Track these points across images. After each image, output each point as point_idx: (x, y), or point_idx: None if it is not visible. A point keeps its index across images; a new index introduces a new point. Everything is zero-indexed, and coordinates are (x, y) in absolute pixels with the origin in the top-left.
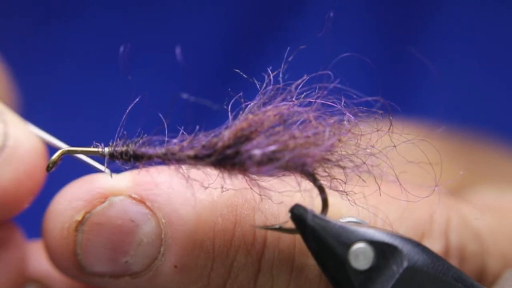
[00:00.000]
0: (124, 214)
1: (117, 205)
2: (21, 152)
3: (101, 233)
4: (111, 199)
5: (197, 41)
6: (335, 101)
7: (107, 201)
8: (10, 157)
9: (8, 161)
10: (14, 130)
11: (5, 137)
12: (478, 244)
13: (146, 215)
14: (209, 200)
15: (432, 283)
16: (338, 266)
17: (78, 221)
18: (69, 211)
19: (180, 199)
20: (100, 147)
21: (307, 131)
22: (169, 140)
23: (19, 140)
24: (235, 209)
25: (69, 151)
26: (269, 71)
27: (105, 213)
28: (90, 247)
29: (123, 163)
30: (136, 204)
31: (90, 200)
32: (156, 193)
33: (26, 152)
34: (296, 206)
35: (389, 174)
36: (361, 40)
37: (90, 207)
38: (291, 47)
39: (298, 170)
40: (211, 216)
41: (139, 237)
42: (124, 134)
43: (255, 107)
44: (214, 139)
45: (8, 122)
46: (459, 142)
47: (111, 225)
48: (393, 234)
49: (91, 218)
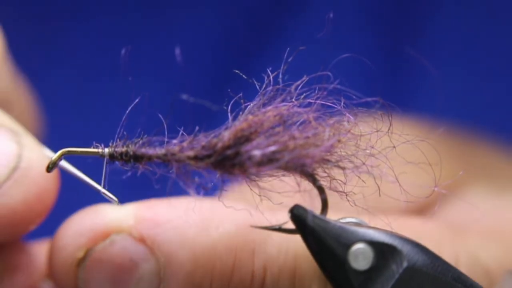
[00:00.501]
0: (124, 253)
1: (118, 243)
2: (33, 175)
3: (102, 269)
4: (113, 237)
5: (197, 42)
6: (335, 102)
7: (108, 238)
8: (21, 179)
9: (19, 182)
10: (29, 152)
11: (19, 159)
12: (488, 279)
13: (146, 254)
14: (209, 241)
15: (431, 283)
16: (337, 267)
17: (80, 258)
18: (71, 247)
19: (179, 240)
20: (100, 148)
21: (306, 131)
22: (169, 141)
23: (32, 163)
24: (234, 252)
25: (69, 152)
26: (269, 72)
27: (106, 250)
28: (91, 282)
29: (123, 163)
30: (137, 242)
31: (92, 237)
32: (157, 232)
33: (38, 175)
34: (296, 206)
35: (389, 174)
36: (361, 40)
37: (92, 244)
38: (290, 48)
39: (297, 171)
40: (210, 259)
41: (139, 275)
42: (124, 135)
43: (255, 108)
44: (214, 139)
45: (23, 144)
46: (456, 142)
47: (112, 263)
48: (393, 234)
49: (93, 255)
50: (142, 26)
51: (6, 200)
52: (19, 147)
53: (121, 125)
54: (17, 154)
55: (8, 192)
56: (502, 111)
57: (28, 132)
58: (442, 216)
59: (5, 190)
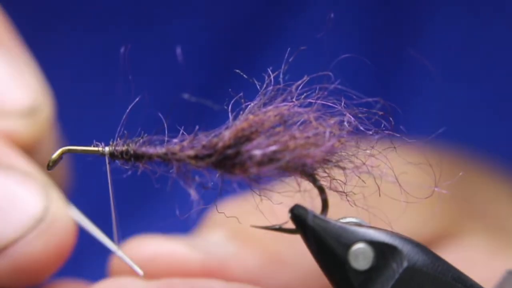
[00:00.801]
0: None
1: None
2: (56, 229)
3: None
4: None
5: (196, 41)
6: (336, 102)
7: None
8: (45, 231)
9: (43, 234)
10: (55, 206)
11: (46, 212)
12: None
13: None
14: None
15: (432, 283)
16: (338, 267)
17: None
18: None
19: None
20: (101, 147)
21: (307, 131)
22: (169, 140)
23: (57, 217)
24: None
25: (69, 150)
26: (270, 72)
27: None
28: None
29: (123, 162)
30: None
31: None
32: None
33: (60, 230)
34: (296, 206)
35: (389, 175)
36: (360, 41)
37: None
38: (291, 48)
39: (298, 171)
40: None
41: None
42: (124, 134)
43: (255, 108)
44: (214, 139)
45: (50, 198)
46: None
47: None
48: (393, 234)
49: None
50: (142, 25)
51: (29, 249)
52: (46, 200)
53: (121, 124)
54: (45, 206)
55: (32, 242)
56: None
57: (56, 187)
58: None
59: (29, 240)
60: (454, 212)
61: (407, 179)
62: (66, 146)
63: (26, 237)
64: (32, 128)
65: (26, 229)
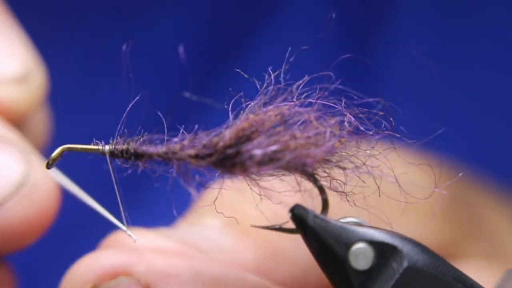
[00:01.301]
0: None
1: (122, 286)
2: (38, 194)
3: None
4: (120, 279)
5: (196, 40)
6: (336, 102)
7: (116, 279)
8: (26, 197)
9: (25, 199)
10: (36, 171)
11: (27, 177)
12: None
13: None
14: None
15: (432, 283)
16: (338, 266)
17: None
18: (79, 281)
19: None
20: (101, 145)
21: (307, 131)
22: (169, 139)
23: (38, 182)
24: None
25: (69, 148)
26: (270, 71)
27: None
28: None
29: (123, 161)
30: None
31: (100, 274)
32: (165, 285)
33: (42, 194)
34: (297, 206)
35: (389, 175)
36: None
37: (98, 281)
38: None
39: (298, 170)
40: None
41: None
42: (124, 132)
43: (256, 107)
44: (215, 138)
45: (32, 163)
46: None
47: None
48: (393, 234)
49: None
50: (142, 23)
51: (10, 215)
52: (27, 165)
53: (121, 122)
54: (26, 171)
55: (13, 207)
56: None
57: (37, 152)
58: None
59: (10, 205)
60: (456, 232)
61: (407, 180)
62: (66, 144)
63: (8, 202)
64: (23, 96)
65: (7, 194)
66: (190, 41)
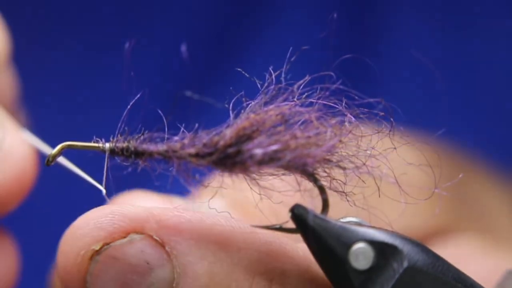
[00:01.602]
0: (141, 254)
1: (136, 243)
2: (13, 157)
3: (114, 267)
4: (132, 236)
5: (195, 40)
6: (337, 102)
7: (128, 237)
8: (2, 161)
9: (1, 164)
10: (10, 135)
11: (1, 142)
12: None
13: (162, 259)
14: (228, 261)
15: (432, 283)
16: (338, 266)
17: (95, 251)
18: (88, 239)
19: (199, 253)
20: (101, 143)
21: (308, 131)
22: (169, 138)
23: (13, 146)
24: (252, 278)
25: (69, 145)
26: (271, 70)
27: (123, 249)
28: (100, 278)
29: (123, 159)
30: (156, 246)
31: (111, 232)
32: (178, 240)
33: (18, 158)
34: (297, 206)
35: (389, 175)
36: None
37: (109, 239)
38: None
39: (298, 170)
40: (226, 279)
41: (151, 280)
42: (125, 130)
43: (256, 106)
44: (215, 137)
45: (5, 127)
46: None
47: (126, 262)
48: (393, 234)
49: (108, 251)
50: (144, 21)
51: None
52: (1, 130)
53: (121, 120)
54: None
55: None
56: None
57: (10, 116)
58: None
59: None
60: (449, 209)
61: (407, 180)
62: (67, 141)
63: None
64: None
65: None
66: (192, 40)
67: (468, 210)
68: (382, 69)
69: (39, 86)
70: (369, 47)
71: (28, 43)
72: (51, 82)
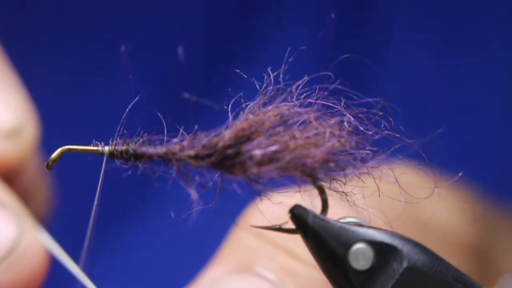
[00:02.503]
0: None
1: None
2: (27, 260)
3: None
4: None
5: (195, 39)
6: (336, 102)
7: None
8: (15, 263)
9: (13, 265)
10: (27, 236)
11: (17, 243)
12: None
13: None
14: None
15: (432, 283)
16: (338, 267)
17: None
18: None
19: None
20: (100, 146)
21: (307, 132)
22: (169, 140)
23: (28, 248)
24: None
25: (69, 149)
26: (269, 71)
27: None
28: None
29: (123, 162)
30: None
31: None
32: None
33: (31, 262)
34: (296, 206)
35: (389, 175)
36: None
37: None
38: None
39: (298, 171)
40: None
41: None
42: (124, 133)
43: (255, 107)
44: (214, 139)
45: (24, 228)
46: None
47: None
48: (393, 234)
49: None
50: (142, 23)
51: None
52: (19, 231)
53: (121, 123)
54: (17, 237)
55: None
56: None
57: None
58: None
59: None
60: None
61: (407, 179)
62: (66, 145)
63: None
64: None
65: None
66: (190, 41)
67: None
68: (382, 68)
69: (36, 89)
70: (368, 47)
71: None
72: (48, 86)
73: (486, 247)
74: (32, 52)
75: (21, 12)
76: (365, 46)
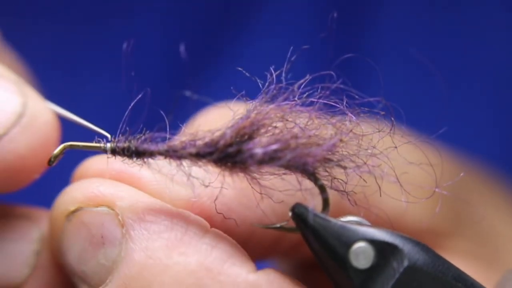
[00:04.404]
0: (100, 227)
1: (100, 215)
2: (38, 123)
3: (79, 231)
4: (102, 207)
5: (198, 38)
6: (337, 101)
7: (99, 207)
8: (28, 126)
9: (26, 129)
10: (33, 101)
11: (25, 107)
12: None
13: (116, 239)
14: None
15: (432, 283)
16: (338, 265)
17: (70, 211)
18: (70, 199)
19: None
20: (102, 143)
21: (308, 130)
22: (170, 137)
23: (36, 111)
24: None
25: (71, 146)
26: (272, 70)
27: (88, 215)
28: (67, 237)
29: (124, 159)
30: (116, 225)
31: (88, 198)
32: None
33: (43, 123)
34: (297, 205)
35: (390, 175)
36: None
37: (84, 204)
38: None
39: (299, 170)
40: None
41: (100, 255)
42: (126, 130)
43: (257, 106)
44: (216, 137)
45: (27, 94)
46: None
47: (87, 229)
48: (394, 233)
49: (78, 213)
50: (143, 21)
51: (14, 146)
52: (24, 96)
53: (123, 120)
54: (23, 102)
55: (15, 138)
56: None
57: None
58: None
59: (12, 136)
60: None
61: (408, 179)
62: (68, 142)
63: (9, 133)
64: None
65: (8, 125)
66: (192, 39)
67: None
68: (382, 68)
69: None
70: (369, 46)
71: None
72: (51, 82)
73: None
74: (35, 48)
75: (22, 10)
76: (365, 46)
